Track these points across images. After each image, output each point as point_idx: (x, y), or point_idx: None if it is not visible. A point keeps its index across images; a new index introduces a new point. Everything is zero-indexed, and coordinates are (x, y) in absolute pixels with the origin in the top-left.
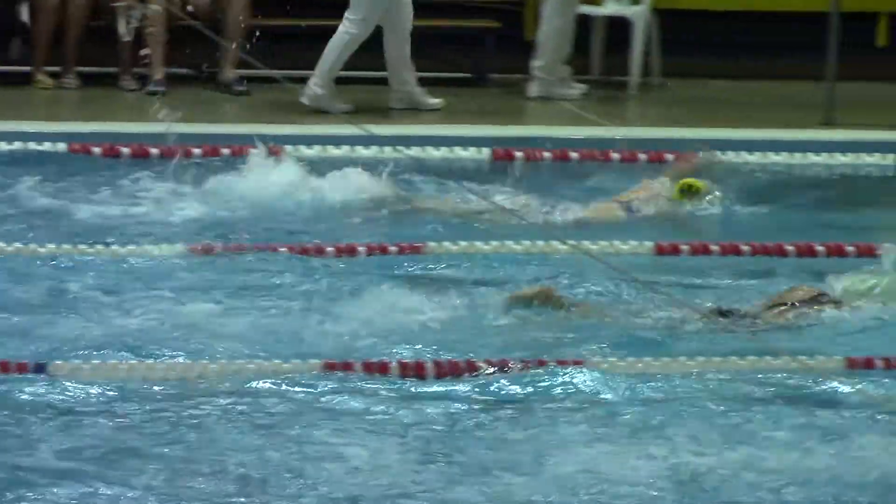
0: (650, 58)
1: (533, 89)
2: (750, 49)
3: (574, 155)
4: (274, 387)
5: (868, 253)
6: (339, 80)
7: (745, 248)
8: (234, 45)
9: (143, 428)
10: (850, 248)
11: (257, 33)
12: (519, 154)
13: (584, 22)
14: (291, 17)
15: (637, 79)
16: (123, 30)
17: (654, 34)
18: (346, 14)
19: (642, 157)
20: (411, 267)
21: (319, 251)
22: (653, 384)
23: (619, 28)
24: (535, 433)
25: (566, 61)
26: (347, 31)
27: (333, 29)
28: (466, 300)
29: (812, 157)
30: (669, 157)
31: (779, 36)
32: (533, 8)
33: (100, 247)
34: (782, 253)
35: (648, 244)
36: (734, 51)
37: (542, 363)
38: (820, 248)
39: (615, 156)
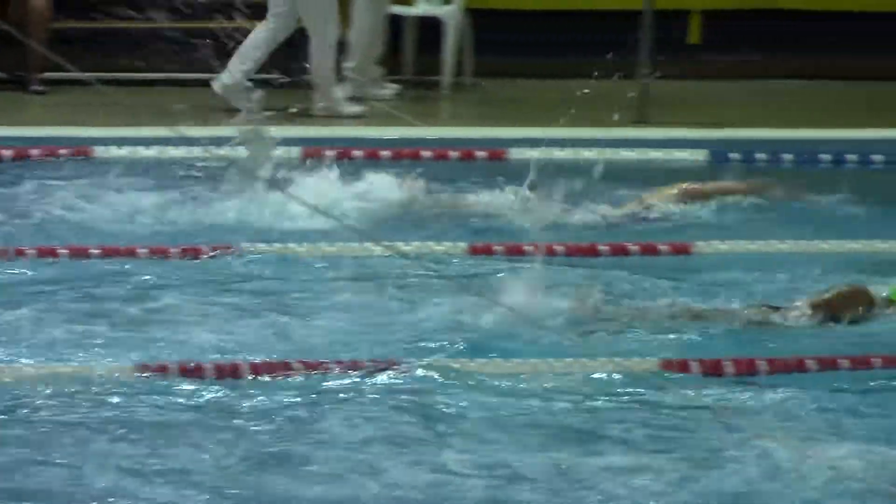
0: (463, 57)
1: (345, 90)
2: (563, 48)
3: (385, 153)
4: (88, 390)
5: (683, 251)
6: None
7: (558, 248)
8: (36, 47)
9: None
10: (664, 248)
11: None
12: (329, 153)
13: (396, 22)
14: (95, 20)
15: (449, 78)
16: None
17: (466, 34)
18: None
19: (453, 154)
20: (221, 269)
21: (131, 253)
22: (498, 386)
23: (431, 28)
24: (363, 434)
25: (378, 62)
26: (321, 39)
27: (139, 31)
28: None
29: (624, 154)
30: (481, 154)
31: (592, 34)
32: (344, 8)
33: None
34: (596, 253)
35: (462, 244)
36: (547, 50)
37: (357, 364)
38: (633, 248)
39: (426, 154)
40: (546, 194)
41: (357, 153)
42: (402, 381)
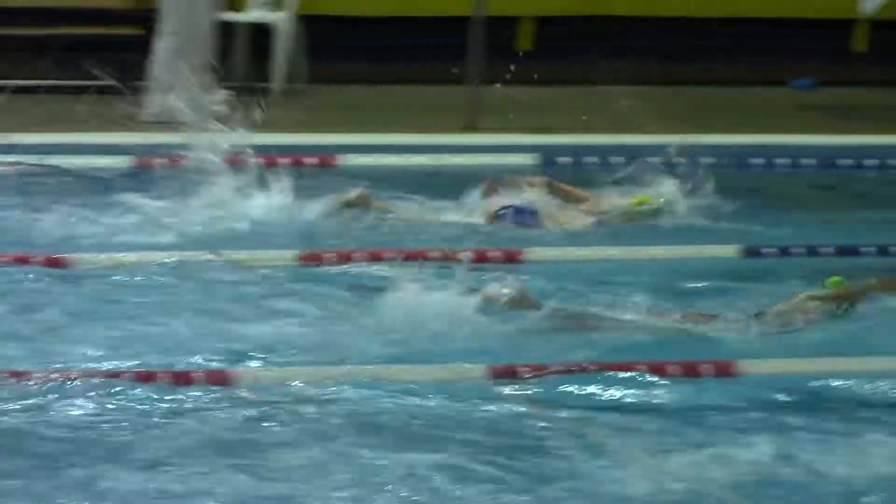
0: (295, 64)
1: (176, 96)
2: (395, 54)
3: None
4: None
5: (513, 259)
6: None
7: (388, 254)
8: None
9: None
10: (496, 254)
11: None
12: (160, 161)
13: (227, 28)
14: None
15: (281, 85)
16: None
17: (298, 40)
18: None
19: (283, 161)
20: (54, 278)
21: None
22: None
23: (263, 34)
24: (199, 442)
25: (208, 68)
26: (160, 45)
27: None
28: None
29: (455, 160)
30: (311, 160)
31: (423, 40)
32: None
33: None
34: (425, 258)
35: (292, 252)
36: (380, 56)
37: (191, 374)
38: (465, 255)
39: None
40: None
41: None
42: (235, 390)
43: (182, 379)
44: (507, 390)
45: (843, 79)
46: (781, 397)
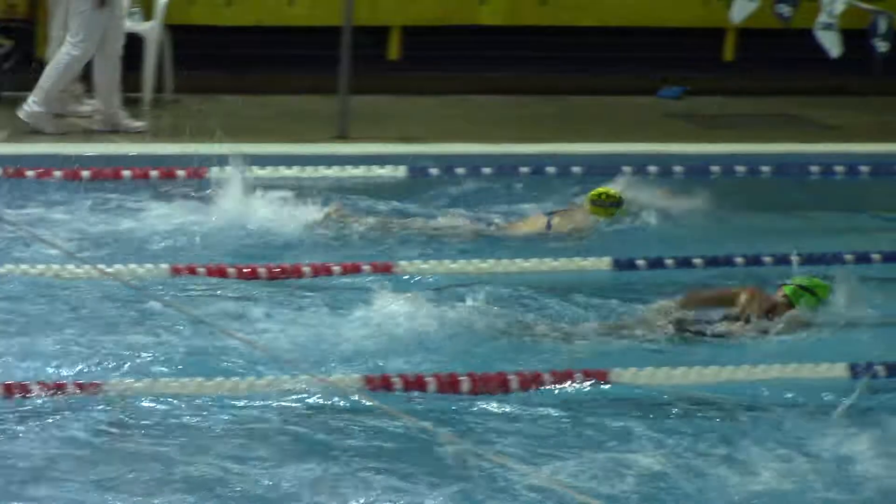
0: (163, 73)
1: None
2: (264, 63)
3: (85, 173)
4: None
5: (385, 270)
6: None
7: (261, 270)
8: None
9: None
10: (366, 267)
11: None
12: (30, 173)
13: None
14: None
15: (150, 95)
16: None
17: (166, 49)
18: (68, 37)
19: (153, 173)
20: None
21: None
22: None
23: (131, 43)
24: (70, 454)
25: (78, 78)
26: (69, 53)
27: None
28: None
29: (324, 171)
30: (181, 173)
31: (293, 49)
32: (44, 25)
33: None
34: (300, 275)
35: (164, 266)
36: (248, 65)
37: (61, 386)
38: (336, 269)
39: (126, 173)
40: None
41: (56, 172)
42: (108, 402)
43: (52, 390)
44: (384, 399)
45: (715, 87)
46: (659, 405)
